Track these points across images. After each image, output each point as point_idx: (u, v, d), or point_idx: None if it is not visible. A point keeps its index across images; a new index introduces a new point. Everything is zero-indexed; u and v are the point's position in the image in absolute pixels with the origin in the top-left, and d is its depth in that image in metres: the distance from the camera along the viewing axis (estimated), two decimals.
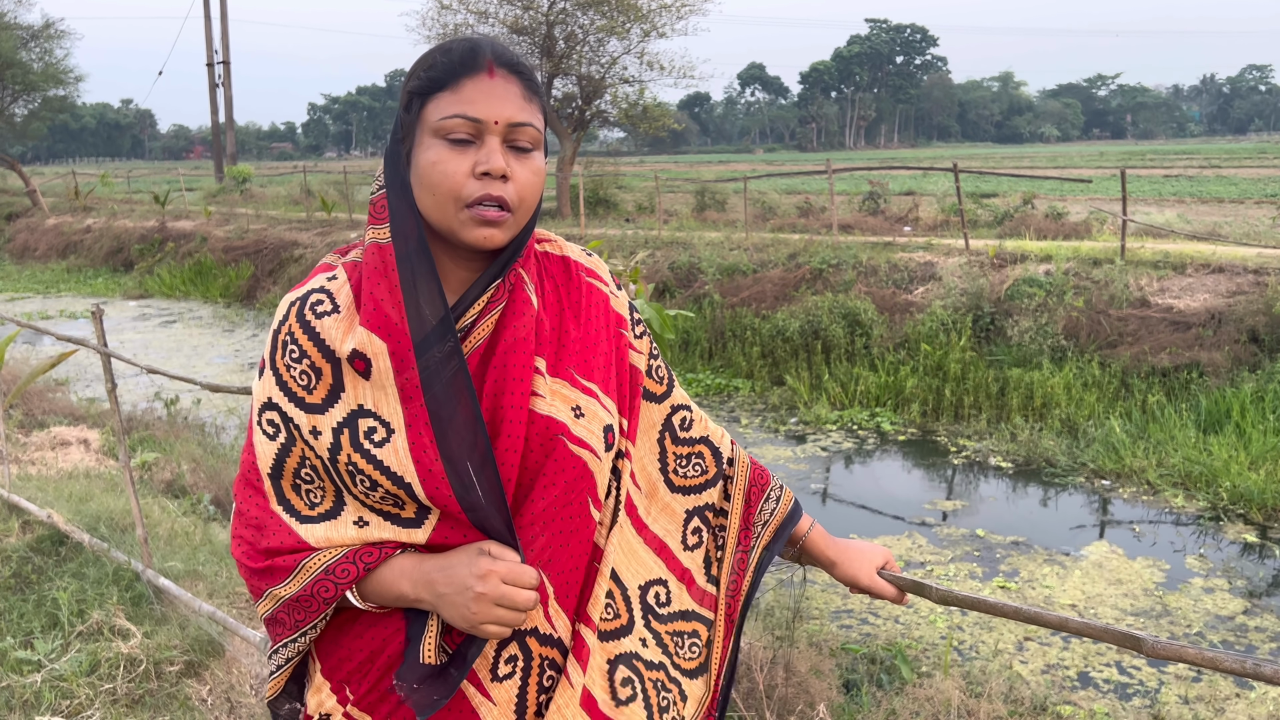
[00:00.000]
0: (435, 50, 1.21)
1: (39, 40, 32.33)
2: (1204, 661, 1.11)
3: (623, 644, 1.28)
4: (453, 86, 1.17)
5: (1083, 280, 10.65)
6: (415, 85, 1.20)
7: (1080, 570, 6.19)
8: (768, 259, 13.32)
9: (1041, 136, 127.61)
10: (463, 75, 1.17)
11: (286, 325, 1.21)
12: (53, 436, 7.04)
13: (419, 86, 1.19)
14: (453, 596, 1.14)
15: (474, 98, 1.16)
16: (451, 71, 1.17)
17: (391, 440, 1.15)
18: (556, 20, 20.74)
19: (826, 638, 5.07)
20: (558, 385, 1.23)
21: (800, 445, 8.91)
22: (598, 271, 1.36)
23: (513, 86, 1.19)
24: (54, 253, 23.95)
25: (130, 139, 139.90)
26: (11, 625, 3.59)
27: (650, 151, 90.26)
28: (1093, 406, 9.03)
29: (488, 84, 1.17)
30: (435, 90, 1.18)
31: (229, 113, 34.68)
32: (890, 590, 1.47)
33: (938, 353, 10.26)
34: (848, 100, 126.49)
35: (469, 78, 1.17)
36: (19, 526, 4.48)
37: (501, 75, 1.18)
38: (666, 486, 1.39)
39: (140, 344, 13.85)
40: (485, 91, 1.16)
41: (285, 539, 1.20)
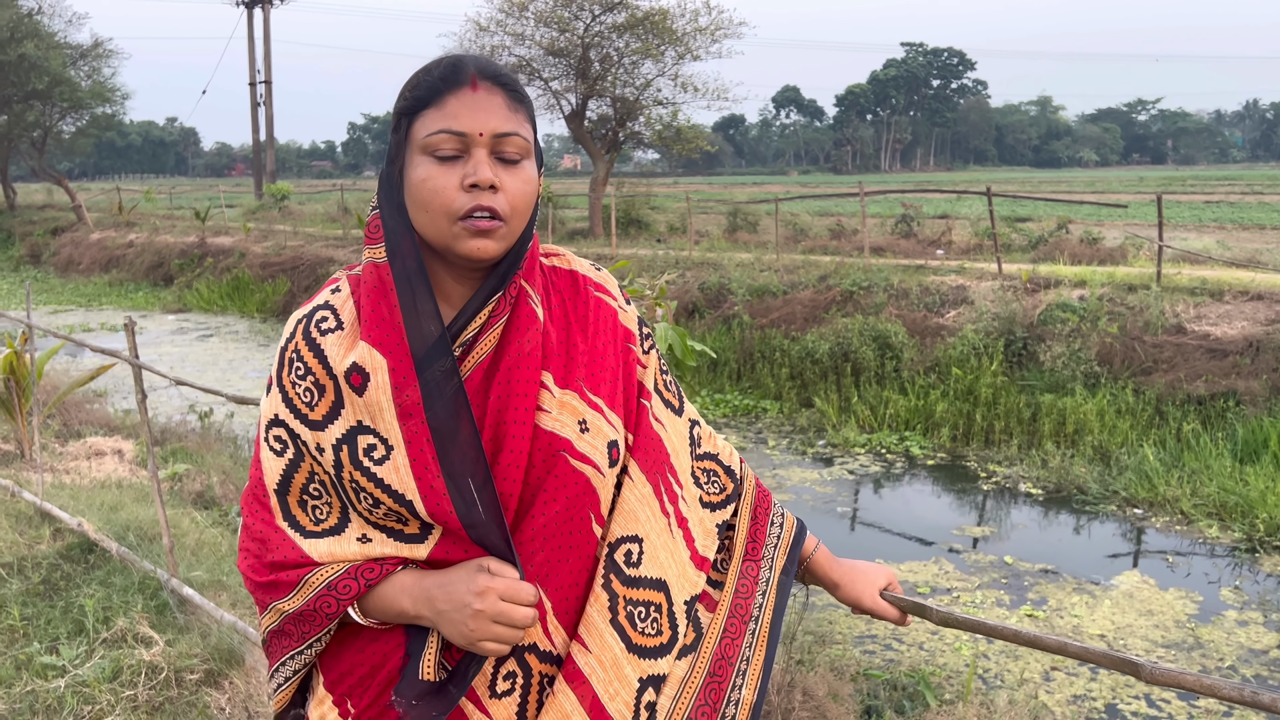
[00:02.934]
0: (420, 70, 1.22)
1: (87, 59, 33.07)
2: (1202, 688, 1.10)
3: (659, 664, 1.25)
4: (437, 103, 1.18)
5: (1117, 306, 10.53)
6: (402, 105, 1.22)
7: (1110, 600, 6.09)
8: (798, 280, 13.29)
9: (1080, 161, 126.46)
10: (446, 91, 1.18)
11: (293, 343, 1.23)
12: (88, 447, 7.16)
13: (406, 106, 1.21)
14: (451, 613, 1.14)
15: (458, 112, 1.17)
16: (435, 88, 1.19)
17: (391, 457, 1.15)
18: (592, 43, 20.92)
19: (849, 663, 5.03)
20: (567, 397, 1.23)
21: (828, 468, 8.86)
22: (606, 286, 1.36)
23: (496, 98, 1.19)
24: (97, 266, 24.40)
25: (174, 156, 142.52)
26: (39, 631, 3.66)
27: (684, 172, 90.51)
28: (1126, 434, 8.90)
29: (471, 97, 1.18)
30: (421, 108, 1.19)
31: (269, 131, 35.28)
32: (892, 612, 1.46)
33: (969, 377, 10.17)
34: (883, 123, 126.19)
35: (452, 93, 1.18)
36: (50, 534, 4.56)
37: (485, 88, 1.19)
38: (698, 502, 1.39)
39: (177, 357, 14.06)
40: (469, 105, 1.18)
41: (289, 554, 1.21)
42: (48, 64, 29.79)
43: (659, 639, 1.26)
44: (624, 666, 1.22)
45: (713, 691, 1.30)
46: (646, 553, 1.27)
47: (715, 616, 1.35)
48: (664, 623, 1.27)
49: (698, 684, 1.29)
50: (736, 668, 1.32)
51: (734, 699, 1.30)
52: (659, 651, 1.26)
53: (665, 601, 1.27)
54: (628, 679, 1.22)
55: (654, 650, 1.25)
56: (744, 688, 1.31)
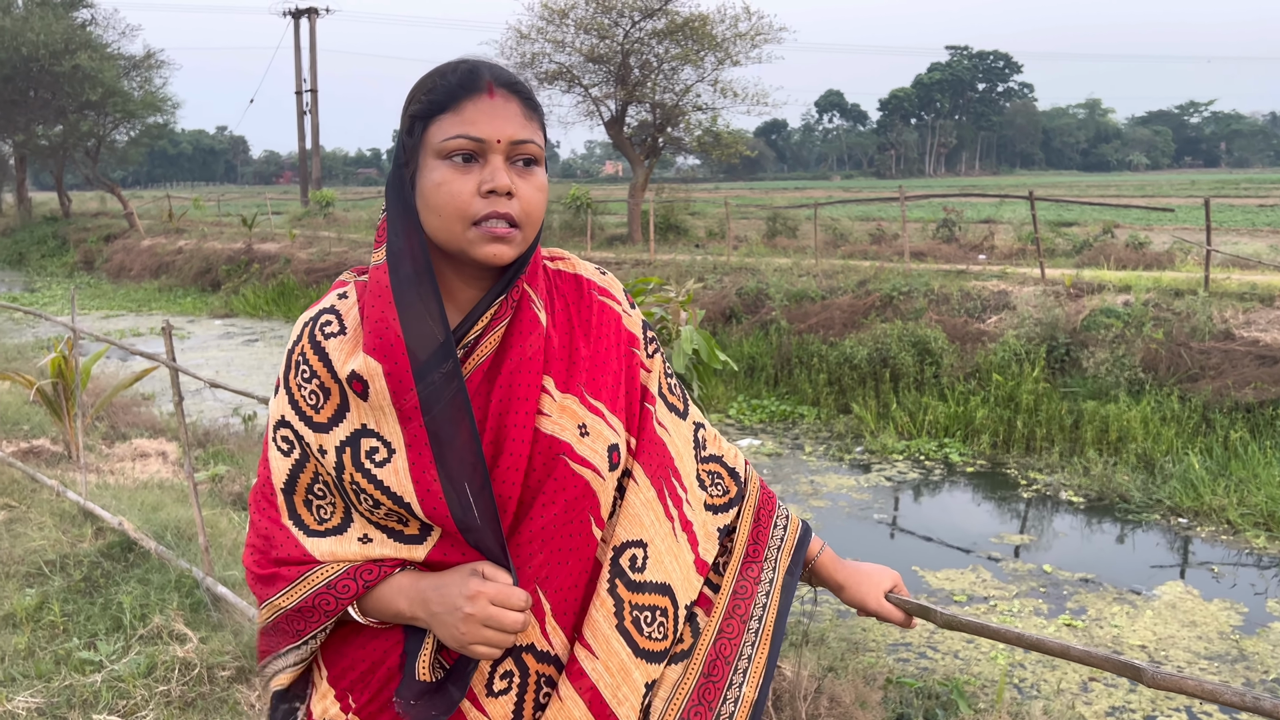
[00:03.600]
0: (434, 73, 1.23)
1: (140, 70, 33.83)
2: (1203, 694, 1.08)
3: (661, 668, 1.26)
4: (454, 108, 1.19)
5: (1163, 311, 10.33)
6: (416, 109, 1.22)
7: (1152, 610, 5.97)
8: (837, 285, 13.21)
9: (1130, 165, 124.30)
10: (463, 97, 1.19)
11: (299, 346, 1.24)
12: (134, 448, 7.31)
13: (420, 110, 1.21)
14: (444, 616, 1.15)
15: (475, 118, 1.18)
16: (452, 94, 1.19)
17: (392, 460, 1.17)
18: (632, 49, 20.98)
19: (881, 670, 4.98)
20: (567, 401, 1.24)
21: (865, 474, 8.79)
22: (610, 290, 1.37)
23: (513, 105, 1.20)
24: (147, 272, 24.92)
25: (224, 164, 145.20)
26: (78, 627, 3.74)
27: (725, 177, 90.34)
28: (1171, 441, 8.73)
29: (488, 104, 1.19)
30: (437, 113, 1.19)
31: (315, 139, 35.83)
32: (897, 614, 1.45)
33: (1010, 383, 10.04)
34: (928, 127, 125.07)
35: (469, 99, 1.19)
36: (92, 533, 4.67)
37: (501, 95, 1.20)
38: (702, 505, 1.39)
39: (223, 361, 14.31)
40: (486, 111, 1.18)
41: (292, 551, 1.23)
42: (101, 75, 30.53)
43: (665, 643, 1.27)
44: (632, 671, 1.23)
45: (707, 691, 1.29)
46: (651, 557, 1.27)
47: (711, 619, 1.35)
48: (669, 627, 1.28)
49: (690, 685, 1.29)
50: (735, 666, 1.32)
51: (732, 697, 1.30)
52: (664, 655, 1.27)
53: (671, 605, 1.28)
54: (635, 684, 1.23)
55: (661, 654, 1.27)
56: (744, 685, 1.31)
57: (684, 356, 3.44)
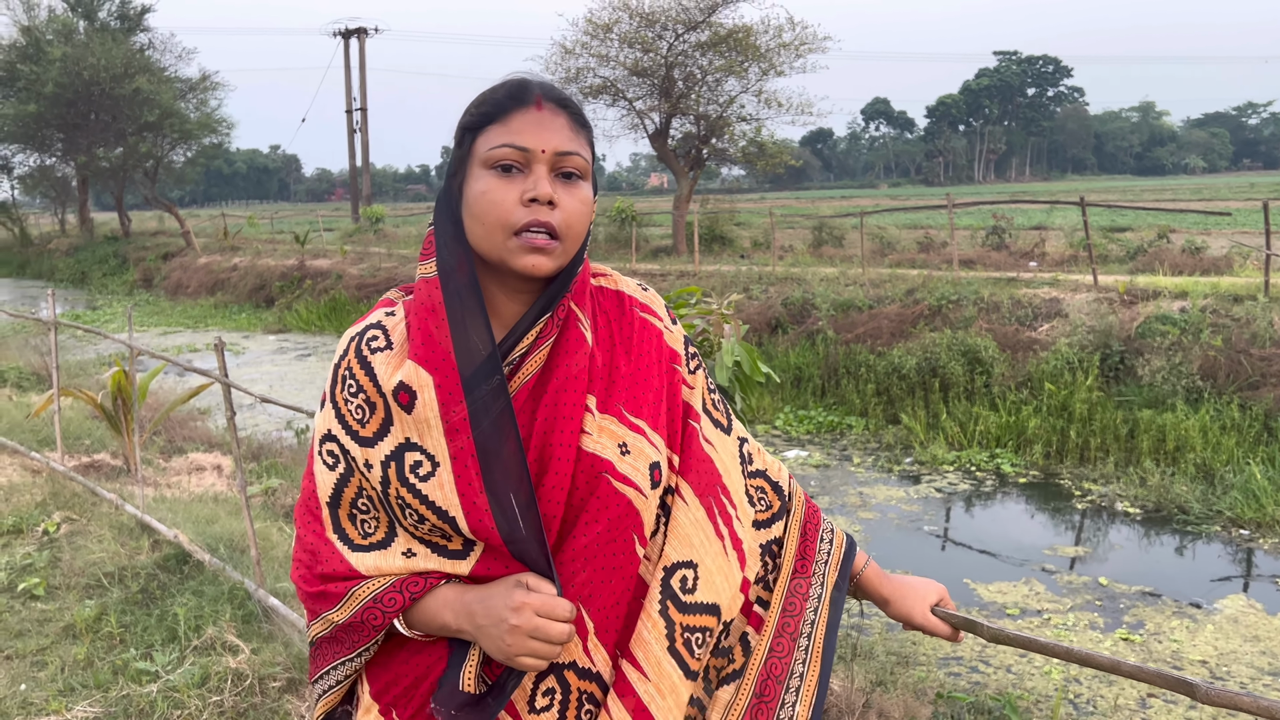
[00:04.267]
0: (487, 89, 1.26)
1: (196, 91, 34.69)
2: (1259, 710, 1.05)
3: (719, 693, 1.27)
4: (502, 120, 1.21)
5: (1221, 318, 10.08)
6: (467, 121, 1.24)
7: (1213, 625, 5.81)
8: (884, 295, 13.10)
9: (1186, 168, 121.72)
10: (512, 109, 1.21)
11: (345, 360, 1.26)
12: (190, 462, 7.46)
13: (471, 122, 1.24)
14: (490, 628, 1.15)
15: (522, 129, 1.20)
16: (501, 106, 1.22)
17: (436, 474, 1.17)
18: (675, 62, 21.04)
19: (931, 684, 4.90)
20: (606, 422, 1.24)
21: (915, 486, 8.68)
22: (652, 306, 1.37)
23: (560, 119, 1.22)
24: (204, 289, 25.46)
25: (277, 182, 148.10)
26: (135, 638, 3.83)
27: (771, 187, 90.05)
28: (1231, 451, 8.50)
29: (536, 116, 1.21)
30: (486, 124, 1.22)
31: (365, 156, 36.40)
32: (943, 628, 1.43)
33: (1062, 392, 9.86)
34: (976, 133, 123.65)
35: (518, 111, 1.21)
36: (149, 545, 4.77)
37: (549, 108, 1.22)
38: (751, 523, 1.38)
39: (277, 375, 14.56)
40: (533, 123, 1.20)
41: (338, 566, 1.24)
42: (159, 98, 31.35)
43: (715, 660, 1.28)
44: (683, 694, 1.23)
45: (760, 712, 1.29)
46: (702, 578, 1.27)
47: (762, 637, 1.34)
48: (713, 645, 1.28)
49: (744, 705, 1.28)
50: (786, 684, 1.31)
51: (785, 716, 1.29)
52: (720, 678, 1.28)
53: (717, 625, 1.28)
54: (685, 704, 1.23)
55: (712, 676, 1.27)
56: (797, 705, 1.30)
57: (726, 369, 3.43)
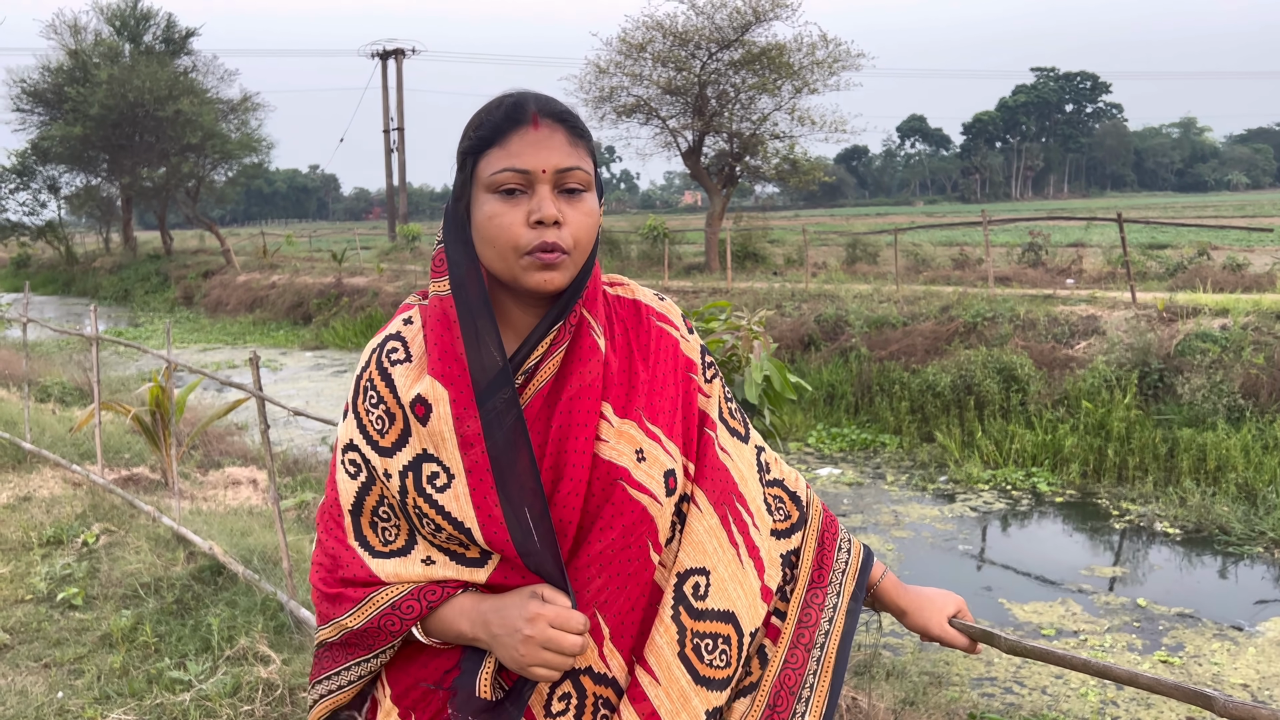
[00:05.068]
0: (483, 109, 1.27)
1: (237, 113, 35.37)
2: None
3: (720, 696, 1.26)
4: (500, 142, 1.22)
5: (1264, 335, 9.91)
6: (467, 145, 1.26)
7: (1255, 648, 5.69)
8: (918, 312, 13.01)
9: (1228, 184, 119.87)
10: (509, 130, 1.22)
11: (367, 372, 1.29)
12: (226, 476, 7.57)
13: (470, 146, 1.26)
14: (504, 638, 1.17)
15: (521, 150, 1.21)
16: (498, 128, 1.23)
17: (452, 486, 1.20)
18: (709, 80, 21.13)
19: (965, 705, 4.84)
20: (625, 426, 1.25)
21: (949, 504, 8.59)
22: (669, 316, 1.39)
23: (558, 135, 1.23)
24: (243, 307, 25.85)
25: (316, 201, 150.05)
26: (170, 647, 3.88)
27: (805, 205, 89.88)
28: (1274, 471, 8.34)
29: (533, 135, 1.22)
30: (485, 148, 1.24)
31: (402, 175, 36.85)
32: (961, 639, 1.42)
33: (1100, 410, 9.73)
34: (1013, 150, 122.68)
35: (515, 132, 1.22)
36: (184, 556, 4.84)
37: (546, 125, 1.23)
38: (770, 532, 1.39)
39: (313, 391, 14.73)
40: (531, 143, 1.22)
41: (358, 572, 1.27)
42: (202, 119, 31.98)
43: (726, 671, 1.27)
44: (691, 699, 1.23)
45: None
46: (714, 585, 1.27)
47: (779, 648, 1.34)
48: (732, 654, 1.28)
49: (757, 717, 1.29)
50: (799, 695, 1.31)
51: None
52: (723, 683, 1.27)
53: (735, 633, 1.28)
54: (695, 711, 1.24)
55: (721, 682, 1.26)
56: (807, 715, 1.30)
57: (755, 386, 3.43)
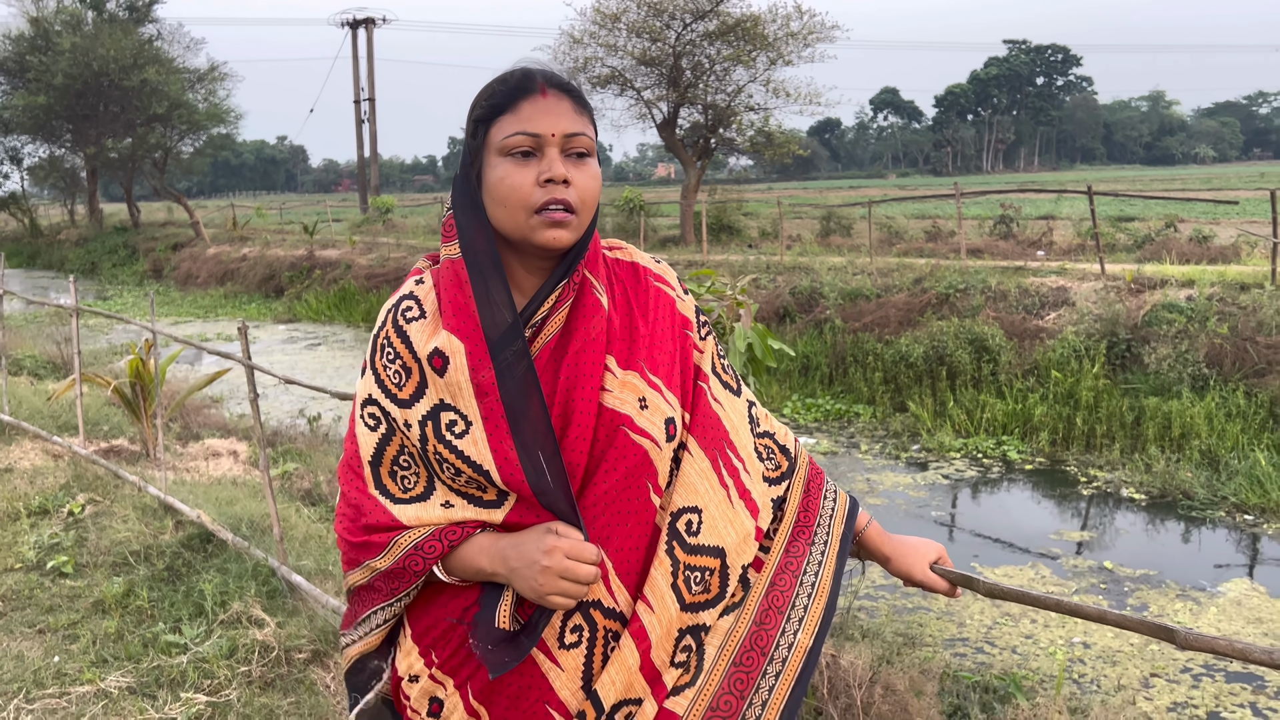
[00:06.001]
0: (494, 81, 1.36)
1: (204, 83, 34.81)
2: (1234, 652, 1.15)
3: (700, 616, 1.36)
4: (512, 109, 1.32)
5: (1228, 306, 10.14)
6: (479, 113, 1.35)
7: (1216, 608, 5.90)
8: (892, 284, 13.16)
9: (1196, 158, 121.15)
10: (520, 98, 1.32)
11: (384, 331, 1.37)
12: (206, 448, 7.58)
13: (482, 114, 1.35)
14: (523, 570, 1.27)
15: (532, 116, 1.31)
16: (509, 96, 1.33)
17: (470, 432, 1.29)
18: (683, 51, 21.06)
19: (938, 664, 5.00)
20: (629, 377, 1.35)
21: (922, 473, 8.77)
22: (665, 277, 1.49)
23: (564, 103, 1.33)
24: (213, 280, 25.61)
25: (285, 173, 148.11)
26: (163, 612, 3.94)
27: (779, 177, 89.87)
28: (1236, 438, 8.57)
29: (542, 103, 1.32)
30: (497, 115, 1.33)
31: (374, 147, 36.49)
32: (941, 583, 1.53)
33: (1069, 380, 9.93)
34: (985, 123, 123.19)
35: (525, 99, 1.32)
36: (173, 525, 4.89)
37: (553, 94, 1.33)
38: (761, 477, 1.48)
39: (287, 365, 14.68)
40: (541, 109, 1.31)
41: (381, 518, 1.35)
42: (168, 89, 31.48)
43: (706, 595, 1.37)
44: (674, 623, 1.34)
45: (759, 637, 1.38)
46: (705, 523, 1.37)
47: (762, 575, 1.43)
48: (714, 582, 1.37)
49: (743, 633, 1.38)
50: (787, 615, 1.40)
51: (785, 643, 1.39)
52: (704, 605, 1.36)
53: (720, 565, 1.38)
54: (672, 633, 1.34)
55: (700, 605, 1.36)
56: (800, 633, 1.39)
57: (739, 354, 3.51)
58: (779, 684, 1.36)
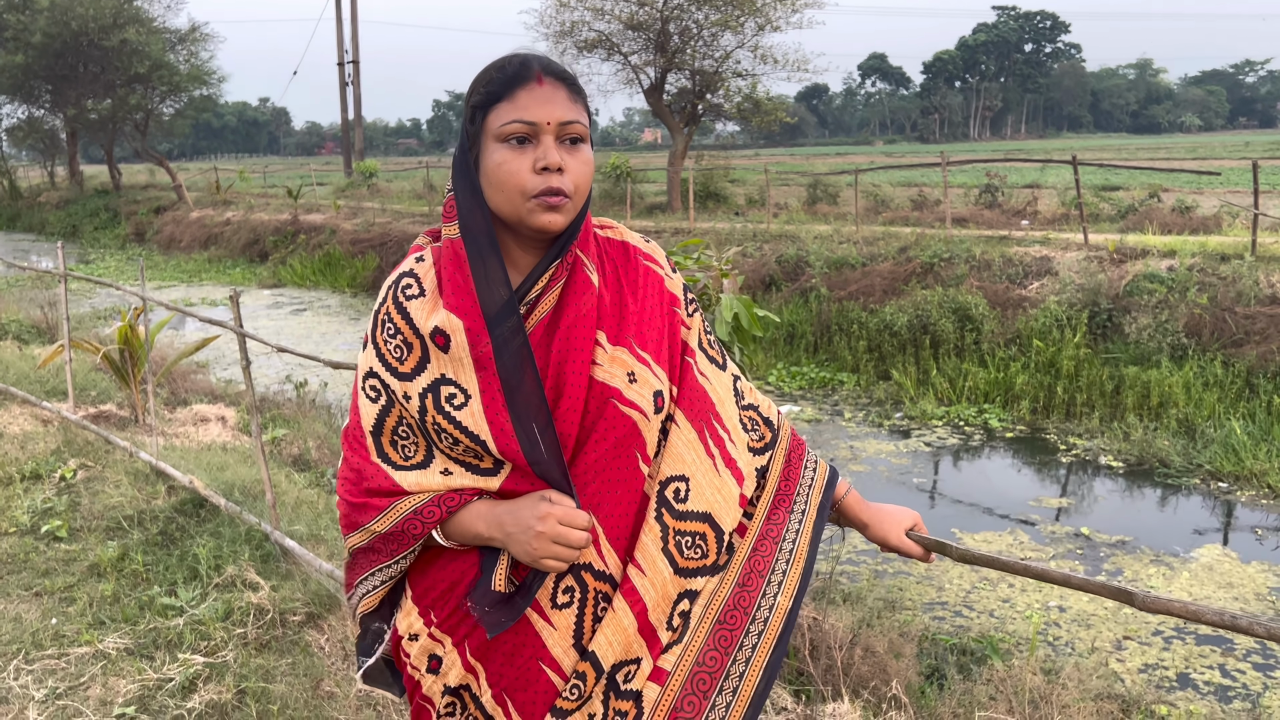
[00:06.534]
0: (491, 68, 1.42)
1: (185, 43, 34.29)
2: (1187, 614, 1.22)
3: (696, 581, 1.43)
4: (509, 97, 1.37)
5: (1208, 276, 10.26)
6: (477, 100, 1.40)
7: (1189, 573, 6.05)
8: (877, 252, 13.23)
9: (1182, 126, 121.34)
10: (517, 86, 1.37)
11: (385, 306, 1.44)
12: (194, 413, 7.61)
13: (480, 101, 1.40)
14: (518, 535, 1.34)
15: (528, 104, 1.36)
16: (507, 84, 1.38)
17: (469, 404, 1.36)
18: (671, 16, 20.91)
19: (917, 628, 5.12)
20: (618, 352, 1.42)
21: (904, 440, 8.89)
22: (654, 255, 1.56)
23: (560, 91, 1.38)
24: (197, 244, 25.42)
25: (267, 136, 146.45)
26: (158, 576, 4.01)
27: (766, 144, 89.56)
28: (1213, 407, 8.72)
29: (539, 91, 1.37)
30: (494, 102, 1.38)
31: (358, 110, 36.12)
32: (916, 549, 1.61)
33: (1050, 349, 10.06)
34: (972, 90, 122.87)
35: (522, 88, 1.37)
36: (165, 490, 4.94)
37: (549, 83, 1.38)
38: (746, 447, 1.55)
39: (273, 330, 14.67)
40: (537, 98, 1.37)
41: (382, 483, 1.42)
42: (148, 49, 31.02)
43: (703, 561, 1.45)
44: (669, 586, 1.42)
45: (742, 598, 1.47)
46: (693, 490, 1.45)
47: (745, 540, 1.52)
48: (710, 548, 1.45)
49: (726, 594, 1.47)
50: (768, 579, 1.49)
51: (767, 605, 1.47)
52: (699, 572, 1.44)
53: (711, 531, 1.46)
54: (670, 595, 1.42)
55: (695, 570, 1.44)
56: (780, 595, 1.48)
57: (725, 324, 3.58)
58: (761, 642, 1.44)
